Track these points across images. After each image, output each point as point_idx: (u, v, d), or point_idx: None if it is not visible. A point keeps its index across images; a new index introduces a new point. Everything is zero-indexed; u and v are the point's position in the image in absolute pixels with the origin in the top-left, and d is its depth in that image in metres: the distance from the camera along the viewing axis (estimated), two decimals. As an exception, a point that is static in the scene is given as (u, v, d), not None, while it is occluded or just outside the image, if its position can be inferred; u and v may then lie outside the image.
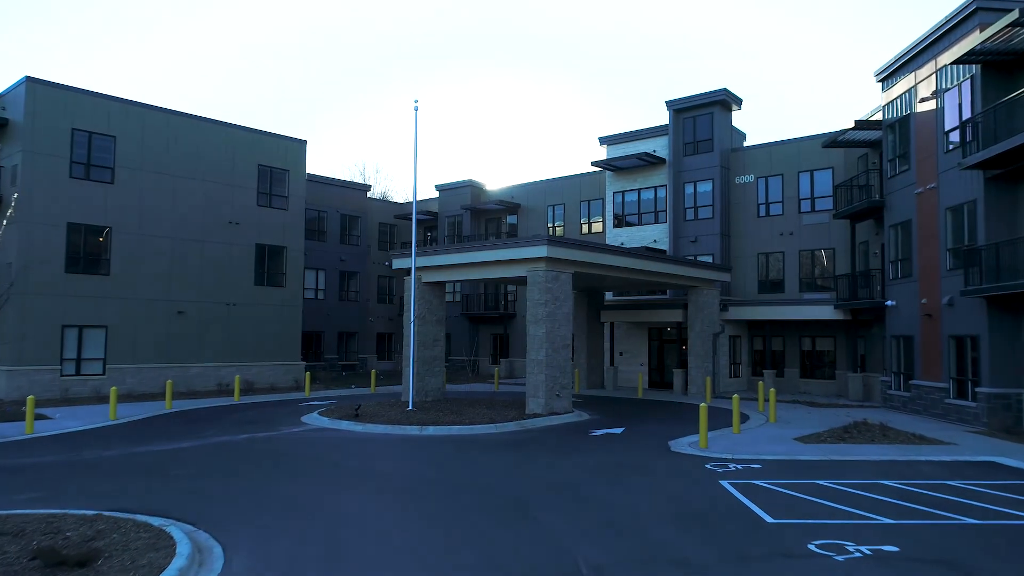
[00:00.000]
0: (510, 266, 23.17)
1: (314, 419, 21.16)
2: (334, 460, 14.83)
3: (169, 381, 24.30)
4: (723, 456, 15.05)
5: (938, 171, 21.89)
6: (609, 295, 35.02)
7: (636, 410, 24.53)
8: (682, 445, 16.49)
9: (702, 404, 16.69)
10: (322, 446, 16.71)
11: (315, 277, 42.14)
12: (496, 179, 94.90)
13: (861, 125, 26.10)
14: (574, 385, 31.41)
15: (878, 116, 26.83)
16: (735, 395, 19.11)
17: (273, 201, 32.53)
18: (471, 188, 43.94)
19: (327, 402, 26.15)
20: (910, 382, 23.33)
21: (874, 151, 27.88)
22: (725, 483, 12.45)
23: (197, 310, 29.57)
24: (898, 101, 24.49)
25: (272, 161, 32.52)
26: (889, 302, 24.73)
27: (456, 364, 43.35)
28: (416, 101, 22.83)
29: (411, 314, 24.09)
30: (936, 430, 18.76)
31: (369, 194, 48.88)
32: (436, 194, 46.33)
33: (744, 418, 21.30)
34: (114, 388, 21.18)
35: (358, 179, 64.76)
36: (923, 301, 22.60)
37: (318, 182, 42.47)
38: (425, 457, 15.39)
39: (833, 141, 27.84)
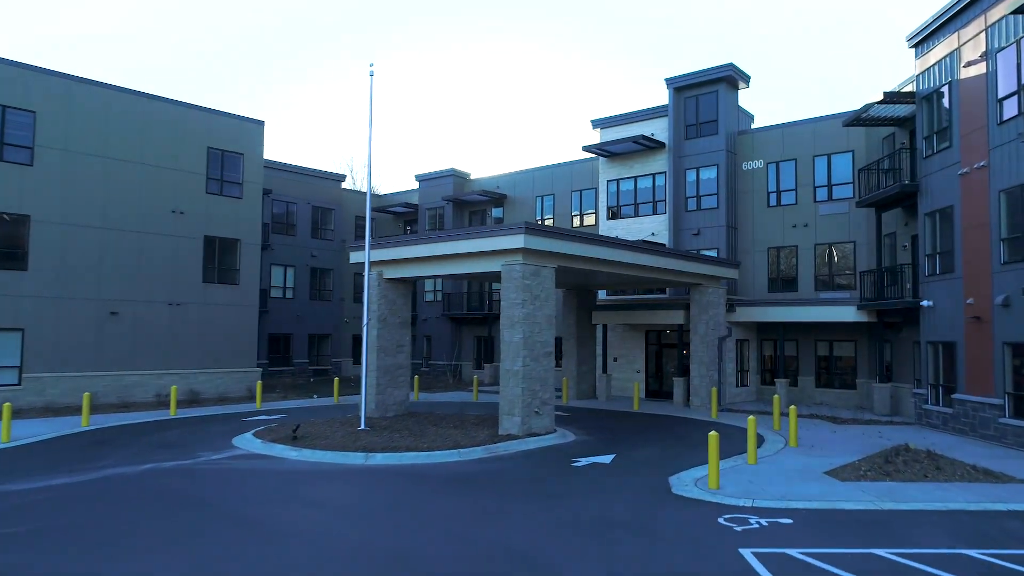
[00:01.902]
0: (483, 259, 19.70)
1: (246, 441, 17.71)
2: (237, 509, 11.35)
3: (87, 394, 20.83)
4: (740, 503, 11.58)
5: (989, 147, 18.45)
6: (602, 294, 31.60)
7: (630, 427, 21.07)
8: (686, 484, 13.02)
9: (712, 432, 13.23)
10: (233, 485, 13.23)
11: (283, 274, 38.75)
12: (481, 168, 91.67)
13: (890, 98, 22.63)
14: (562, 395, 28.03)
15: (910, 88, 23.40)
16: (751, 416, 15.65)
17: (225, 188, 28.97)
18: (454, 178, 40.43)
19: (277, 416, 22.75)
20: (952, 396, 19.90)
21: (902, 130, 24.44)
22: (747, 553, 9.01)
23: (134, 310, 26.04)
24: (936, 68, 21.05)
25: (224, 144, 28.95)
26: (925, 302, 21.30)
27: (437, 369, 39.90)
28: (372, 65, 19.41)
29: (365, 316, 20.62)
30: (996, 458, 15.36)
31: (352, 186, 45.48)
32: (416, 185, 42.84)
33: (759, 440, 17.91)
34: (7, 404, 17.74)
35: (345, 173, 61.15)
36: (969, 301, 19.16)
37: (286, 171, 39.04)
38: (357, 502, 11.95)
39: (857, 118, 24.37)
